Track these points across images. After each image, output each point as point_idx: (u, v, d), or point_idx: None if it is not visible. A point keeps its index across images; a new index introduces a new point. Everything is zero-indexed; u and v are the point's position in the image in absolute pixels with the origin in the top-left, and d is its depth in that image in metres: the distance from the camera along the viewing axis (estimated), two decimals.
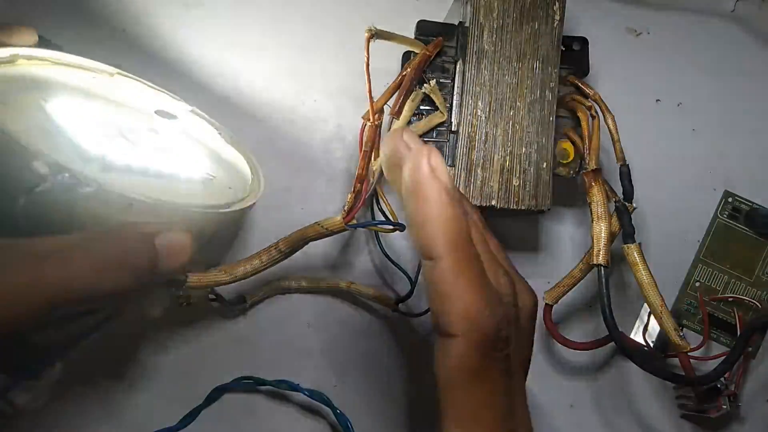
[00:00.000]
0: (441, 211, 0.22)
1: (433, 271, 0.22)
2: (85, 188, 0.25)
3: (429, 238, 0.22)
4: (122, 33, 0.40)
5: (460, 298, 0.22)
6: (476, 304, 0.22)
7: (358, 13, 0.42)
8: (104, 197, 0.26)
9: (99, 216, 0.26)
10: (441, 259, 0.22)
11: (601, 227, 0.36)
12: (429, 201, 0.22)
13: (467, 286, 0.22)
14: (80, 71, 0.35)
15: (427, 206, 0.22)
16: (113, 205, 0.26)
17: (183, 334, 0.39)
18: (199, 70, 0.40)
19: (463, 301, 0.22)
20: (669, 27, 0.44)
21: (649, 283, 0.36)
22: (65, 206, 0.26)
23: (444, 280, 0.22)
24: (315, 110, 0.41)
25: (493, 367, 0.23)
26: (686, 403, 0.41)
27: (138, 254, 0.26)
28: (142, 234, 0.26)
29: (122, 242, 0.26)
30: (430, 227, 0.22)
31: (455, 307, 0.22)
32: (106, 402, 0.38)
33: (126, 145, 0.34)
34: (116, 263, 0.25)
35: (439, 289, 0.22)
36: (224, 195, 0.35)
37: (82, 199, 0.25)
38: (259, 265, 0.34)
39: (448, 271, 0.22)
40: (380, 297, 0.39)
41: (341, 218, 0.34)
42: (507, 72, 0.36)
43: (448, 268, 0.22)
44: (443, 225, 0.22)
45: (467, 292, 0.22)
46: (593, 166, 0.37)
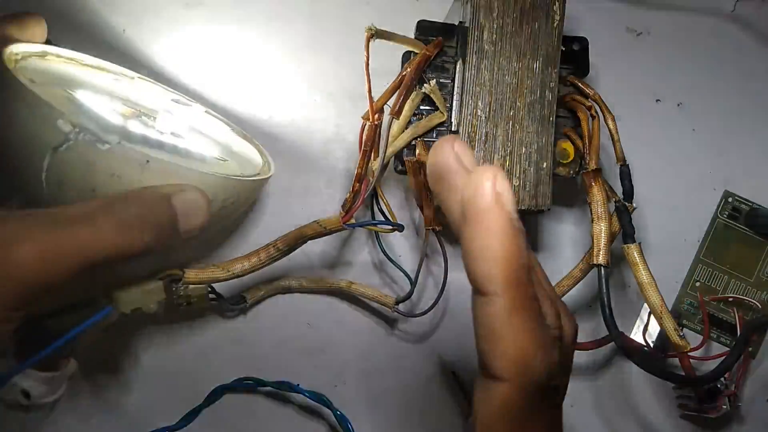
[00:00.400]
0: (504, 244, 0.20)
1: (486, 308, 0.20)
2: (104, 145, 0.27)
3: (487, 272, 0.20)
4: (122, 33, 0.40)
5: (513, 341, 0.20)
6: (529, 349, 0.20)
7: (358, 13, 0.42)
8: (122, 153, 0.27)
9: (117, 172, 0.28)
10: (498, 296, 0.20)
11: (601, 227, 0.36)
12: (491, 232, 0.20)
13: (522, 329, 0.20)
14: (103, 73, 0.36)
15: (489, 238, 0.20)
16: (131, 161, 0.28)
17: (183, 334, 0.39)
18: (199, 70, 0.40)
19: (516, 345, 0.20)
20: (669, 27, 0.44)
21: (649, 283, 0.36)
22: (86, 163, 0.27)
23: (498, 319, 0.20)
24: (315, 110, 0.41)
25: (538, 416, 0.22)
26: (686, 403, 0.41)
27: (158, 213, 0.27)
28: (160, 194, 0.27)
29: (142, 203, 0.27)
30: (489, 261, 0.20)
31: (507, 351, 0.20)
32: (106, 401, 0.38)
33: (143, 124, 0.35)
34: (138, 223, 0.26)
35: (491, 328, 0.20)
36: (235, 172, 0.36)
37: (102, 155, 0.27)
38: (258, 263, 0.34)
39: (503, 311, 0.20)
40: (380, 297, 0.39)
41: (340, 217, 0.34)
42: (507, 72, 0.36)
43: (505, 307, 0.20)
44: (505, 260, 0.20)
45: (521, 335, 0.20)
46: (593, 166, 0.37)
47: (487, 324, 0.20)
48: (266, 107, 0.41)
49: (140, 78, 0.37)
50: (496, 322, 0.20)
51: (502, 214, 0.20)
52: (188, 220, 0.28)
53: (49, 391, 0.32)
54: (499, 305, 0.20)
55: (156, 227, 0.27)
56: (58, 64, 0.34)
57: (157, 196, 0.27)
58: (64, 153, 0.27)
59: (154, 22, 0.40)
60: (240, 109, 0.41)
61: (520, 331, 0.20)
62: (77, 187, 0.28)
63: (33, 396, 0.30)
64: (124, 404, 0.38)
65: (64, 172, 0.28)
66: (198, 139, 0.38)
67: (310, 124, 0.41)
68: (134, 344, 0.39)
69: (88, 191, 0.28)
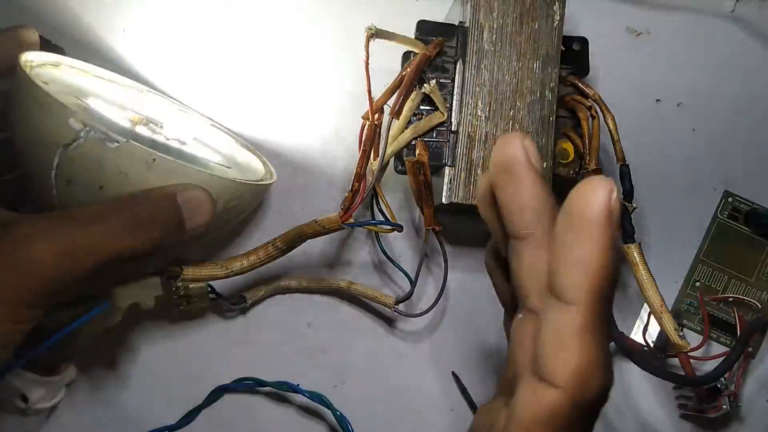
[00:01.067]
0: (603, 261, 0.19)
1: (562, 315, 0.20)
2: (113, 143, 0.28)
3: (576, 282, 0.19)
4: (122, 33, 0.40)
5: (579, 354, 0.20)
6: (593, 365, 0.20)
7: (358, 13, 0.42)
8: (130, 151, 0.28)
9: (124, 170, 0.29)
10: (578, 308, 0.20)
11: None
12: (595, 246, 0.19)
13: (591, 345, 0.20)
14: (113, 85, 0.37)
15: (591, 249, 0.19)
16: (138, 159, 0.28)
17: (183, 333, 0.39)
18: (199, 70, 0.40)
19: (582, 358, 0.20)
20: (669, 27, 0.44)
21: (649, 283, 0.36)
22: (95, 161, 0.28)
23: (571, 330, 0.20)
24: (315, 110, 0.41)
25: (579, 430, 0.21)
26: (686, 403, 0.41)
27: (165, 212, 0.27)
28: (166, 193, 0.28)
29: (150, 202, 0.28)
30: (583, 272, 0.19)
31: (571, 361, 0.20)
32: (106, 401, 0.38)
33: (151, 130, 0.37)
34: (147, 222, 0.27)
35: (561, 335, 0.20)
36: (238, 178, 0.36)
37: (111, 153, 0.28)
38: (257, 261, 0.34)
39: (580, 324, 0.20)
40: (380, 297, 0.39)
41: (338, 216, 0.34)
42: (507, 72, 0.36)
43: (583, 321, 0.20)
44: (598, 276, 0.19)
45: (589, 351, 0.20)
46: (593, 166, 0.37)
47: (558, 331, 0.20)
48: (266, 107, 0.41)
49: (149, 91, 0.38)
50: (568, 332, 0.20)
51: (610, 231, 0.19)
52: (193, 218, 0.29)
53: (47, 395, 0.32)
54: (578, 317, 0.20)
55: (164, 226, 0.28)
56: (70, 73, 0.35)
57: (163, 194, 0.28)
58: (74, 151, 0.28)
59: (153, 23, 0.40)
60: (240, 109, 0.41)
61: (590, 346, 0.20)
62: (86, 184, 0.29)
63: (31, 400, 0.30)
64: (124, 404, 0.38)
65: (74, 170, 0.28)
66: (202, 148, 0.39)
67: (310, 124, 0.41)
68: (134, 344, 0.39)
69: (95, 188, 0.29)
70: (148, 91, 0.38)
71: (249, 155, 0.40)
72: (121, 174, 0.29)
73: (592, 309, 0.20)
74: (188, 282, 0.33)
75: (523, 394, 0.21)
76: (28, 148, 0.29)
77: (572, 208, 0.20)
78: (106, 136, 0.28)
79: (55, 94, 0.28)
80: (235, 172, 0.38)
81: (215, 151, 0.39)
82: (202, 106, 0.40)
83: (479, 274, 0.41)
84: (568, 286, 0.20)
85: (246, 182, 0.33)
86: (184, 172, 0.30)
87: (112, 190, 0.29)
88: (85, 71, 0.36)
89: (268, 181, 0.36)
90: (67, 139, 0.28)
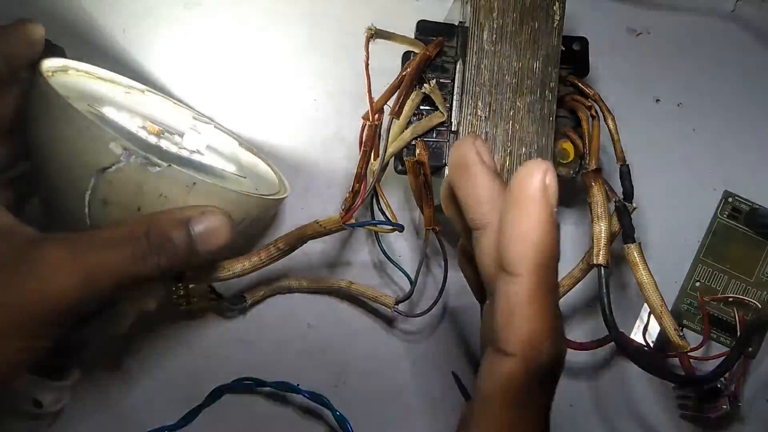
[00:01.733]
0: (542, 232, 0.21)
1: (511, 287, 0.22)
2: (155, 168, 0.28)
3: (519, 253, 0.22)
4: (122, 33, 0.40)
5: (528, 321, 0.22)
6: (542, 332, 0.22)
7: (357, 13, 0.42)
8: (172, 176, 0.29)
9: (164, 192, 0.29)
10: (525, 278, 0.21)
11: (601, 227, 0.36)
12: (533, 219, 0.21)
13: (539, 312, 0.22)
14: (115, 86, 0.37)
15: (529, 222, 0.21)
16: (178, 183, 0.29)
17: (183, 333, 0.39)
18: (198, 70, 0.40)
19: (531, 325, 0.22)
20: (669, 27, 0.44)
21: (649, 283, 0.36)
22: (135, 184, 0.28)
23: (520, 298, 0.22)
24: (315, 110, 0.41)
25: (539, 396, 0.22)
26: (686, 403, 0.41)
27: (174, 240, 0.28)
28: (178, 220, 0.28)
29: (159, 230, 0.28)
30: (526, 244, 0.21)
31: (522, 329, 0.22)
32: (106, 401, 0.38)
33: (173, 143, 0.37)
34: (155, 250, 0.27)
35: (511, 305, 0.22)
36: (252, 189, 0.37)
37: (152, 177, 0.28)
38: (258, 263, 0.34)
39: (527, 292, 0.22)
40: (380, 297, 0.39)
41: (339, 217, 0.34)
42: (507, 72, 0.36)
43: (529, 289, 0.21)
44: (540, 246, 0.21)
45: (537, 318, 0.22)
46: (593, 166, 0.37)
47: (509, 301, 0.22)
48: (266, 108, 0.41)
49: (149, 91, 0.38)
50: (517, 301, 0.22)
51: (546, 205, 0.21)
52: (206, 244, 0.29)
53: (58, 399, 0.32)
54: (524, 286, 0.21)
55: (173, 254, 0.28)
56: (77, 78, 0.35)
57: (175, 222, 0.28)
58: (112, 174, 0.28)
59: (153, 23, 0.40)
60: (239, 110, 0.41)
61: (538, 313, 0.22)
62: (123, 206, 0.29)
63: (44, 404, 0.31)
64: (124, 404, 0.38)
65: (111, 192, 0.29)
66: (216, 157, 0.39)
67: (310, 124, 0.41)
68: (134, 344, 0.39)
69: (133, 210, 0.29)
70: (148, 91, 0.38)
71: (251, 157, 0.40)
72: (161, 197, 0.29)
73: (537, 278, 0.21)
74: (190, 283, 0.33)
75: (483, 367, 0.23)
76: (60, 168, 0.29)
77: (513, 189, 0.22)
78: (148, 160, 0.28)
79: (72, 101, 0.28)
80: (249, 181, 0.38)
81: (227, 159, 0.39)
82: (202, 107, 0.40)
83: None
84: (513, 259, 0.22)
85: (271, 198, 0.34)
86: (222, 194, 0.30)
87: (149, 210, 0.29)
88: (89, 73, 0.35)
89: (284, 195, 0.37)
90: (106, 163, 0.28)
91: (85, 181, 0.28)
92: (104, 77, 0.36)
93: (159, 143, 0.36)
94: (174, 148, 0.37)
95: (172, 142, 0.37)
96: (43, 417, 0.32)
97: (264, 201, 0.34)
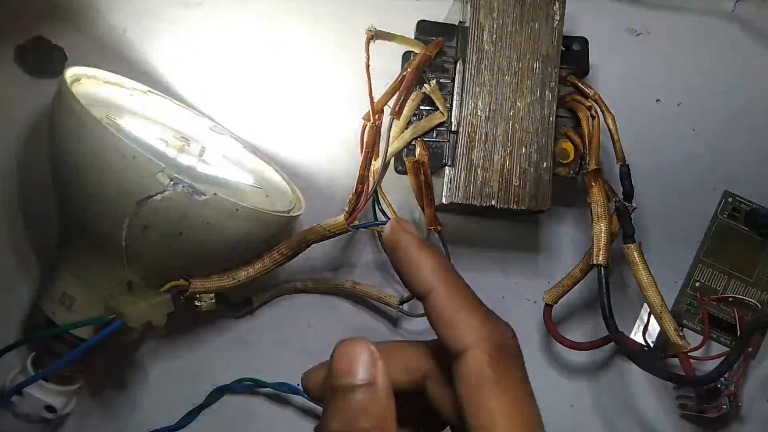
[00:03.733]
0: (419, 251, 0.24)
1: (431, 305, 0.23)
2: (201, 196, 0.29)
3: (418, 276, 0.24)
4: (122, 33, 0.40)
5: (462, 317, 0.23)
6: (479, 317, 0.23)
7: (358, 13, 0.42)
8: (217, 203, 0.29)
9: (208, 219, 0.30)
10: (434, 290, 0.23)
11: (601, 227, 0.36)
12: (408, 248, 0.24)
13: (465, 305, 0.23)
14: (119, 89, 0.37)
15: (408, 253, 0.24)
16: (223, 210, 0.30)
17: (184, 333, 0.39)
18: (198, 70, 0.40)
19: (467, 317, 0.23)
20: (669, 27, 0.44)
21: (649, 283, 0.36)
22: (179, 212, 0.29)
23: (442, 307, 0.23)
24: (315, 111, 0.41)
25: (512, 370, 0.23)
26: (686, 403, 0.41)
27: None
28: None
29: None
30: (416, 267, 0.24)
31: (460, 325, 0.23)
32: (106, 401, 0.38)
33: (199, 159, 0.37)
34: None
35: (442, 317, 0.23)
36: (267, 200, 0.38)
37: (197, 205, 0.29)
38: (262, 269, 0.34)
39: (443, 298, 0.23)
40: (384, 297, 0.39)
41: (343, 219, 0.34)
42: (507, 72, 0.36)
43: (443, 295, 0.23)
44: (425, 261, 0.24)
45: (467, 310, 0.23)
46: (593, 166, 0.37)
47: (438, 316, 0.23)
48: (265, 109, 0.41)
49: (150, 92, 0.38)
50: (442, 310, 0.23)
51: (409, 235, 0.24)
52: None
53: (68, 403, 0.33)
54: (438, 295, 0.23)
55: None
56: (88, 86, 0.35)
57: None
58: (158, 202, 0.28)
59: (153, 23, 0.40)
60: (239, 110, 0.41)
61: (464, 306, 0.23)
62: (164, 231, 0.30)
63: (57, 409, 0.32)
64: (124, 404, 0.38)
65: (154, 218, 0.29)
66: (231, 166, 0.39)
67: (310, 126, 0.41)
68: (134, 344, 0.39)
69: (175, 235, 0.30)
70: (150, 92, 0.38)
71: (258, 162, 0.40)
72: (204, 223, 0.30)
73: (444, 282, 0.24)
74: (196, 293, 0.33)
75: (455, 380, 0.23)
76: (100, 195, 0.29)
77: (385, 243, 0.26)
78: (194, 190, 0.29)
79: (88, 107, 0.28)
80: (265, 192, 0.39)
81: (240, 168, 0.39)
82: (202, 107, 0.40)
83: (480, 273, 0.41)
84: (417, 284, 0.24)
85: (294, 216, 0.35)
86: (260, 217, 0.32)
87: (191, 235, 0.30)
88: (96, 78, 0.35)
89: (300, 211, 0.37)
90: (152, 192, 0.28)
91: (127, 208, 0.29)
92: (110, 80, 0.36)
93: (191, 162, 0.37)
94: (193, 160, 0.37)
95: (191, 154, 0.37)
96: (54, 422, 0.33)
97: (292, 219, 0.35)
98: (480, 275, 0.41)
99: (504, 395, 0.22)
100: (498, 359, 0.22)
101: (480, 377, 0.22)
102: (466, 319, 0.23)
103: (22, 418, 0.32)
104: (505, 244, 0.42)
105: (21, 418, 0.32)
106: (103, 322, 0.30)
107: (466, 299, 0.24)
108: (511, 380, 0.23)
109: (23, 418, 0.32)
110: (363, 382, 0.21)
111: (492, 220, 0.42)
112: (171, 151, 0.36)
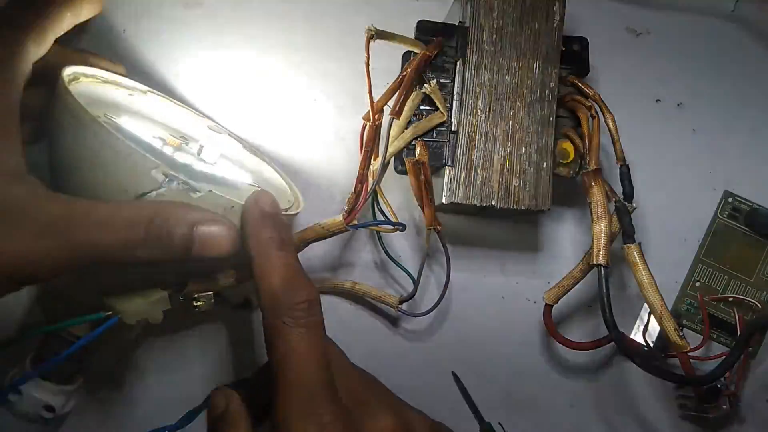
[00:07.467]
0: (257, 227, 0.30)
1: (253, 268, 0.29)
2: (196, 193, 0.29)
3: (246, 244, 0.30)
4: (122, 33, 0.40)
5: (270, 277, 0.28)
6: (276, 285, 0.28)
7: (358, 13, 0.42)
8: (212, 200, 0.29)
9: None
10: (253, 258, 0.29)
11: (601, 227, 0.36)
12: (248, 221, 0.30)
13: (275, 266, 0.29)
14: (119, 89, 0.37)
15: (247, 225, 0.30)
16: (218, 206, 0.30)
17: (183, 333, 0.39)
18: (198, 70, 0.40)
19: (271, 281, 0.28)
20: (669, 27, 0.44)
21: (649, 283, 0.36)
22: None
23: (257, 274, 0.29)
24: (315, 110, 0.41)
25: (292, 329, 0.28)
26: (686, 403, 0.41)
27: (174, 238, 0.28)
28: (186, 220, 0.28)
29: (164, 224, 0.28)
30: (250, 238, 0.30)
31: (263, 289, 0.28)
32: (105, 401, 0.38)
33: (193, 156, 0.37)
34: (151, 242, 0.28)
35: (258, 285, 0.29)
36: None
37: (193, 201, 0.29)
38: None
39: (258, 266, 0.29)
40: (384, 297, 0.39)
41: (342, 218, 0.34)
42: (507, 72, 0.36)
43: (258, 262, 0.29)
44: (249, 228, 0.29)
45: (275, 272, 0.29)
46: (593, 166, 0.37)
47: (256, 279, 0.29)
48: (265, 108, 0.41)
49: (150, 91, 0.38)
50: (260, 278, 0.29)
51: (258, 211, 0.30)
52: (204, 249, 0.29)
53: (67, 403, 0.33)
54: (257, 263, 0.29)
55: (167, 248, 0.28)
56: (86, 85, 0.35)
57: (182, 220, 0.28)
58: (152, 198, 0.28)
59: (153, 23, 0.40)
60: (239, 110, 0.41)
61: (275, 268, 0.29)
62: None
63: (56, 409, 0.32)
64: (124, 404, 0.38)
65: None
66: (229, 165, 0.39)
67: (310, 125, 0.41)
68: (134, 344, 0.39)
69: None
70: (150, 92, 0.38)
71: (256, 161, 0.40)
72: None
73: (258, 248, 0.29)
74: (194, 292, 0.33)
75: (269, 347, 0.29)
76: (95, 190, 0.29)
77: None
78: (189, 186, 0.29)
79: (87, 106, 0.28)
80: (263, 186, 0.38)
81: (238, 166, 0.39)
82: (201, 107, 0.40)
83: (480, 273, 0.41)
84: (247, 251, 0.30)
85: (293, 214, 0.35)
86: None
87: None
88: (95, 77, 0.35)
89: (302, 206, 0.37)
90: (147, 189, 0.28)
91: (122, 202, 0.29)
92: (109, 80, 0.36)
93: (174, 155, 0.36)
94: (191, 158, 0.37)
95: (189, 153, 0.37)
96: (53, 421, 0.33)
97: (290, 218, 0.35)
98: (480, 275, 0.41)
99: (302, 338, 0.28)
100: (273, 317, 0.28)
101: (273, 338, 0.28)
102: (270, 275, 0.29)
103: (21, 417, 0.32)
104: (505, 244, 0.42)
105: (20, 417, 0.32)
106: (100, 319, 0.30)
107: (275, 269, 0.29)
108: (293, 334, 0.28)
109: (22, 417, 0.32)
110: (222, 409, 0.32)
111: (492, 220, 0.42)
112: (168, 150, 0.36)
